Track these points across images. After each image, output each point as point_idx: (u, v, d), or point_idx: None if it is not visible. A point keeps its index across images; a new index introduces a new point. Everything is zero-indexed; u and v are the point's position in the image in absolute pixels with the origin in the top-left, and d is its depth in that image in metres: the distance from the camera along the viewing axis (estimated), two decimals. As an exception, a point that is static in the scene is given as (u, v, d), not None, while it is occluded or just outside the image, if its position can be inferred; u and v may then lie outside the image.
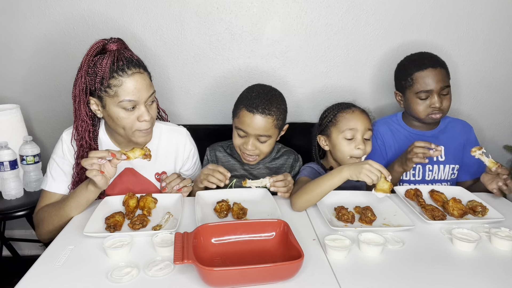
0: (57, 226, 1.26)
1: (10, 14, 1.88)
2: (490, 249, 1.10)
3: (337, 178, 1.27)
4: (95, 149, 1.36)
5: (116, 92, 1.22)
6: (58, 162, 1.37)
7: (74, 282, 0.93)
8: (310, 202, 1.30)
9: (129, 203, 1.27)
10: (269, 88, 1.55)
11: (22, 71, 1.98)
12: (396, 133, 1.72)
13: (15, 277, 0.96)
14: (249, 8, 1.93)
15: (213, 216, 1.27)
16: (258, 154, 1.52)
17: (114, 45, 1.25)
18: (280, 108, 1.51)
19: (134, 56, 1.28)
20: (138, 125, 1.28)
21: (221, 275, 0.89)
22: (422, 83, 1.56)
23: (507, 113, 2.18)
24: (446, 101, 1.59)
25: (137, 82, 1.23)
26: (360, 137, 1.47)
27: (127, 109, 1.25)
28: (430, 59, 1.60)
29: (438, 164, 1.68)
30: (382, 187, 1.24)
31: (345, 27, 1.97)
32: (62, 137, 1.39)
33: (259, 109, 1.45)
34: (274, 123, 1.48)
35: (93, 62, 1.23)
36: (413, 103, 1.61)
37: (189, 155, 1.54)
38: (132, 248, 1.06)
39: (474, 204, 1.30)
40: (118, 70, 1.21)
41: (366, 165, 1.24)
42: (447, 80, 1.59)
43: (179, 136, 1.52)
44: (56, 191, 1.36)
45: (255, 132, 1.47)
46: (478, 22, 2.00)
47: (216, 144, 1.70)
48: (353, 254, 1.06)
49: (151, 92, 1.29)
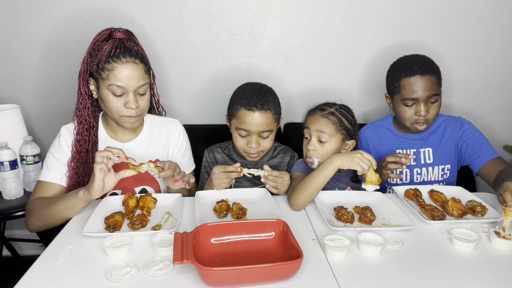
0: (43, 222, 1.29)
1: (10, 14, 1.89)
2: (490, 249, 1.10)
3: (330, 169, 1.29)
4: (95, 126, 1.44)
5: (107, 76, 1.30)
6: (54, 153, 1.41)
7: (73, 282, 0.93)
8: (308, 199, 1.31)
9: (128, 203, 1.26)
10: (260, 85, 1.57)
11: (22, 71, 1.98)
12: (384, 137, 1.71)
13: (15, 277, 0.96)
14: (249, 8, 1.93)
15: (213, 216, 1.27)
16: (261, 150, 1.54)
17: (119, 33, 1.34)
18: (275, 101, 1.54)
19: (134, 48, 1.33)
20: (124, 111, 1.34)
21: (221, 275, 0.89)
22: (408, 90, 1.52)
23: (507, 113, 2.18)
24: (433, 110, 1.54)
25: (128, 70, 1.30)
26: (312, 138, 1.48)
27: (116, 94, 1.31)
28: (420, 65, 1.53)
29: (426, 167, 1.66)
30: (371, 178, 1.28)
31: (345, 27, 1.97)
32: (60, 132, 1.44)
33: (258, 106, 1.46)
34: (273, 117, 1.51)
35: (98, 46, 1.32)
36: (399, 109, 1.58)
37: (178, 141, 1.55)
38: (131, 248, 1.06)
39: (474, 204, 1.30)
40: (114, 56, 1.29)
41: (358, 154, 1.28)
42: (436, 88, 1.53)
43: (171, 124, 1.56)
44: (50, 180, 1.37)
45: (257, 129, 1.48)
46: (478, 22, 2.00)
47: (214, 146, 1.70)
48: (353, 254, 1.06)
49: (142, 83, 1.34)
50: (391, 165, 1.46)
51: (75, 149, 1.41)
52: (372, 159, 1.29)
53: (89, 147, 1.41)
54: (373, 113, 2.11)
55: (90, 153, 1.41)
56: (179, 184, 1.34)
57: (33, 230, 1.35)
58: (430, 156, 1.66)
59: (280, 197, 1.43)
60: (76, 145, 1.41)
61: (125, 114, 1.35)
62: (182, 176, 1.34)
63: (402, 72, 1.55)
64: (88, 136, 1.41)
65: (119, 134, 1.47)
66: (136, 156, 1.45)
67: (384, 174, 1.48)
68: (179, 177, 1.32)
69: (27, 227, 1.35)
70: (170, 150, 1.54)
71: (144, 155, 1.48)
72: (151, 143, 1.51)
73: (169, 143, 1.53)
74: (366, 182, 1.29)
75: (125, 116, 1.35)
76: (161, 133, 1.53)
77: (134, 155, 1.45)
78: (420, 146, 1.67)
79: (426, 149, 1.67)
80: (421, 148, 1.67)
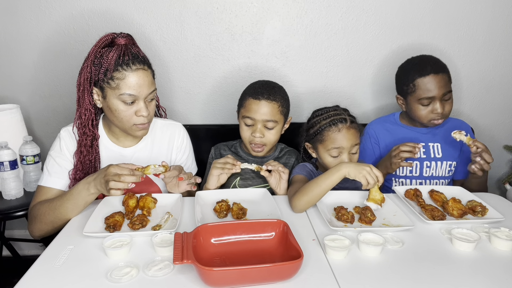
0: (51, 226, 1.25)
1: (10, 14, 1.89)
2: (490, 249, 1.10)
3: (336, 176, 1.27)
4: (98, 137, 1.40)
5: (118, 85, 1.26)
6: (54, 157, 1.38)
7: (73, 282, 0.93)
8: (310, 203, 1.30)
9: (128, 203, 1.26)
10: (271, 81, 1.64)
11: (22, 71, 1.98)
12: (393, 131, 1.73)
13: (15, 277, 0.96)
14: (249, 8, 1.93)
15: (213, 216, 1.27)
16: (265, 143, 1.56)
17: (123, 39, 1.29)
18: (284, 97, 1.59)
19: (140, 53, 1.31)
20: (136, 119, 1.31)
21: (221, 275, 0.89)
22: (424, 89, 1.55)
23: (507, 113, 2.18)
24: (448, 106, 1.58)
25: (140, 78, 1.27)
26: (346, 154, 1.42)
27: (126, 103, 1.28)
28: (432, 64, 1.57)
29: (435, 161, 1.68)
30: (375, 196, 1.28)
31: (345, 27, 1.97)
32: (60, 135, 1.41)
33: (265, 95, 1.52)
34: (280, 109, 1.54)
35: (100, 54, 1.28)
36: (415, 108, 1.60)
37: (181, 146, 1.54)
38: (131, 248, 1.06)
39: (474, 204, 1.30)
40: (123, 64, 1.25)
41: (367, 167, 1.26)
42: (449, 85, 1.58)
43: (174, 128, 1.54)
44: (51, 185, 1.35)
45: (262, 117, 1.51)
46: (478, 22, 2.00)
47: (221, 144, 1.74)
48: (353, 254, 1.06)
49: (152, 89, 1.32)
50: (404, 154, 1.47)
51: (76, 159, 1.37)
52: (381, 176, 1.26)
53: (92, 158, 1.39)
54: (373, 113, 2.11)
55: (93, 163, 1.39)
56: (184, 187, 1.36)
57: (39, 236, 1.31)
58: (439, 151, 1.68)
59: (280, 197, 1.44)
60: (79, 156, 1.37)
61: (136, 123, 1.31)
62: (189, 177, 1.34)
63: (416, 73, 1.57)
64: (91, 147, 1.38)
65: (121, 140, 1.44)
66: (139, 160, 1.44)
67: (394, 163, 1.50)
68: (185, 176, 1.33)
69: (32, 234, 1.31)
70: (173, 155, 1.53)
71: (147, 159, 1.46)
72: (154, 148, 1.49)
73: (172, 148, 1.52)
74: (369, 199, 1.28)
75: (136, 124, 1.32)
76: (164, 137, 1.51)
77: (137, 160, 1.44)
78: (429, 141, 1.69)
79: (435, 144, 1.68)
80: (430, 142, 1.69)
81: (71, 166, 1.38)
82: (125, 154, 1.44)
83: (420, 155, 1.66)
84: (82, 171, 1.38)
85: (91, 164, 1.39)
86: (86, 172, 1.38)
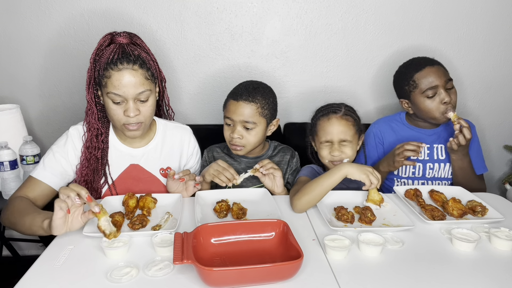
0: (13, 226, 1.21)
1: (10, 14, 1.89)
2: (490, 249, 1.10)
3: (337, 175, 1.28)
4: (104, 132, 1.40)
5: (106, 83, 1.27)
6: (55, 152, 1.37)
7: (73, 282, 0.93)
8: (311, 203, 1.30)
9: (128, 203, 1.26)
10: (258, 82, 1.60)
11: (22, 71, 1.98)
12: (398, 131, 1.72)
13: (15, 277, 0.96)
14: (249, 8, 1.93)
15: (213, 216, 1.27)
16: (244, 145, 1.54)
17: (121, 38, 1.29)
18: (266, 98, 1.54)
19: (134, 52, 1.27)
20: (125, 119, 1.30)
21: (221, 275, 0.89)
22: (425, 81, 1.56)
23: (507, 113, 2.18)
24: (453, 95, 1.58)
25: (124, 78, 1.25)
26: (336, 144, 1.45)
27: (115, 102, 1.28)
28: (427, 59, 1.61)
29: (439, 162, 1.67)
30: (373, 197, 1.30)
31: (345, 27, 1.97)
32: (68, 132, 1.40)
33: (243, 96, 1.50)
34: (259, 110, 1.51)
35: (100, 52, 1.29)
36: (423, 104, 1.59)
37: (193, 152, 1.56)
38: (131, 248, 1.06)
39: (474, 204, 1.30)
40: (111, 63, 1.25)
41: (370, 168, 1.28)
42: (448, 74, 1.59)
43: (183, 132, 1.54)
44: (42, 179, 1.32)
45: (239, 118, 1.49)
46: (478, 22, 2.00)
47: (213, 146, 1.71)
48: (353, 254, 1.06)
49: (141, 90, 1.28)
50: (408, 152, 1.48)
51: (84, 156, 1.38)
52: (380, 178, 1.29)
53: (98, 154, 1.38)
54: (373, 113, 2.11)
55: (99, 160, 1.39)
56: (192, 189, 1.40)
57: (4, 225, 1.28)
58: (442, 153, 1.68)
59: (280, 197, 1.43)
60: (85, 152, 1.38)
61: (125, 122, 1.31)
62: (193, 177, 1.38)
63: (412, 70, 1.60)
64: (97, 143, 1.38)
65: (129, 140, 1.44)
66: (148, 162, 1.45)
67: (397, 161, 1.50)
68: (186, 177, 1.35)
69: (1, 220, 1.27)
70: (183, 160, 1.53)
71: (156, 161, 1.46)
72: (163, 150, 1.48)
73: (181, 152, 1.53)
74: (368, 200, 1.31)
75: (125, 124, 1.31)
76: (174, 140, 1.51)
77: (146, 162, 1.45)
78: (434, 142, 1.68)
79: (440, 145, 1.68)
80: (434, 143, 1.68)
81: (68, 166, 1.38)
82: (134, 155, 1.45)
83: (424, 156, 1.66)
84: (88, 168, 1.38)
85: (97, 161, 1.39)
86: (92, 168, 1.38)
